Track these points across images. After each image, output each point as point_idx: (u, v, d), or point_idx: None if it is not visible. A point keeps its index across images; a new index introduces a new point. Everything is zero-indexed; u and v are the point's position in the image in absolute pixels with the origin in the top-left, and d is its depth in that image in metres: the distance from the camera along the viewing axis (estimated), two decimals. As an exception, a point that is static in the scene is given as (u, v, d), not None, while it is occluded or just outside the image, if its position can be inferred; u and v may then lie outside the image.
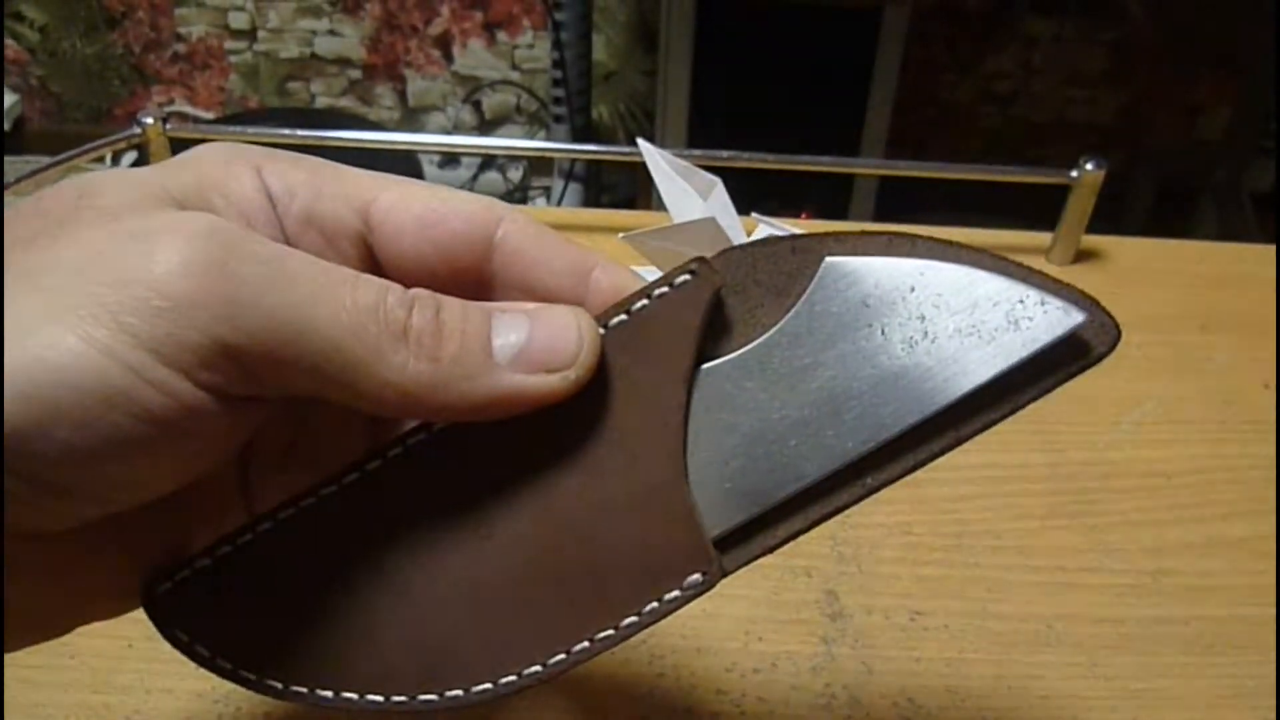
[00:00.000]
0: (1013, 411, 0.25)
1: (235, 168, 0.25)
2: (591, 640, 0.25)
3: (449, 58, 2.12)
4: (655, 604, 0.25)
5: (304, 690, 0.25)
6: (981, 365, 0.25)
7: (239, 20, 2.13)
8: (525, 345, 0.24)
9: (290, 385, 0.23)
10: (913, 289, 0.25)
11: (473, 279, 0.27)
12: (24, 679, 0.38)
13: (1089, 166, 0.58)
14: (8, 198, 0.61)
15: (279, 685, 0.25)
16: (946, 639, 0.41)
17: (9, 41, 2.20)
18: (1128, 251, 0.63)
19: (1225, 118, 1.96)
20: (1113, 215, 0.55)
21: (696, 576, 0.25)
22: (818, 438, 0.25)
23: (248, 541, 0.25)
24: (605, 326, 0.25)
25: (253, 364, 0.22)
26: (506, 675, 0.25)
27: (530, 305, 0.26)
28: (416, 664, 0.25)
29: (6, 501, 0.21)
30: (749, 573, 0.42)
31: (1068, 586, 0.43)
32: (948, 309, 0.25)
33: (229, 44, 2.16)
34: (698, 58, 1.38)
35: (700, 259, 0.26)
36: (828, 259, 0.25)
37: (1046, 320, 0.24)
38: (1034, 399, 0.25)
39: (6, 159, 2.16)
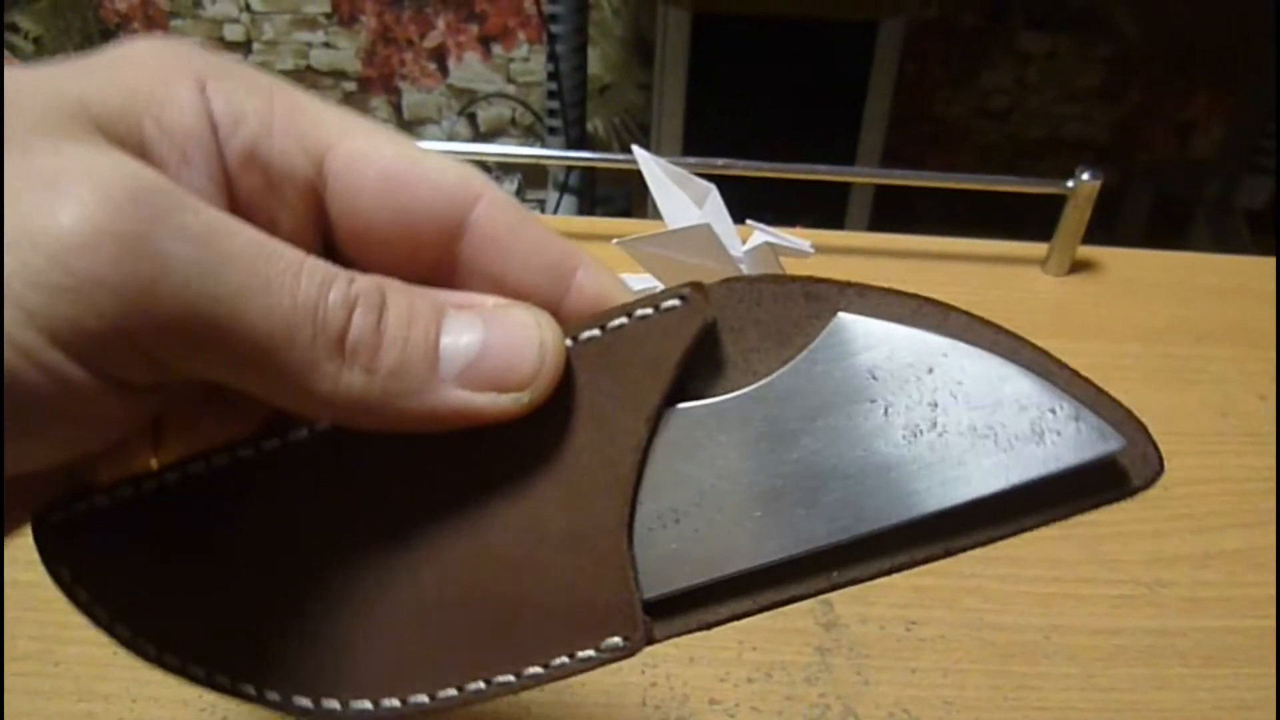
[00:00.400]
0: (1016, 533, 0.23)
1: (175, 83, 0.21)
2: (487, 682, 0.22)
3: (444, 71, 2.13)
4: (565, 659, 0.22)
5: (208, 677, 0.23)
6: (990, 475, 0.22)
7: (234, 32, 2.13)
8: (477, 356, 0.21)
9: (204, 377, 0.19)
10: (931, 370, 0.22)
11: (434, 258, 0.23)
12: (7, 686, 0.38)
13: (1085, 177, 0.58)
14: None
15: (198, 673, 0.23)
16: (942, 649, 0.40)
17: (4, 54, 2.19)
18: (1123, 262, 0.63)
19: (1219, 135, 1.96)
20: (1106, 231, 0.55)
21: (617, 640, 0.22)
22: (787, 515, 0.22)
23: (152, 490, 0.22)
24: (574, 340, 0.22)
25: (163, 357, 0.19)
26: (389, 698, 0.23)
27: (491, 301, 0.22)
28: (313, 663, 0.23)
29: None
30: (743, 582, 0.42)
31: (1064, 597, 0.43)
32: (966, 402, 0.22)
33: (224, 56, 2.16)
34: (693, 71, 1.38)
35: (696, 284, 0.23)
36: (841, 314, 0.22)
37: (1077, 439, 0.22)
38: (1043, 524, 0.23)
39: None
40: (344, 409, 0.20)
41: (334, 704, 0.23)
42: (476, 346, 0.21)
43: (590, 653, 0.22)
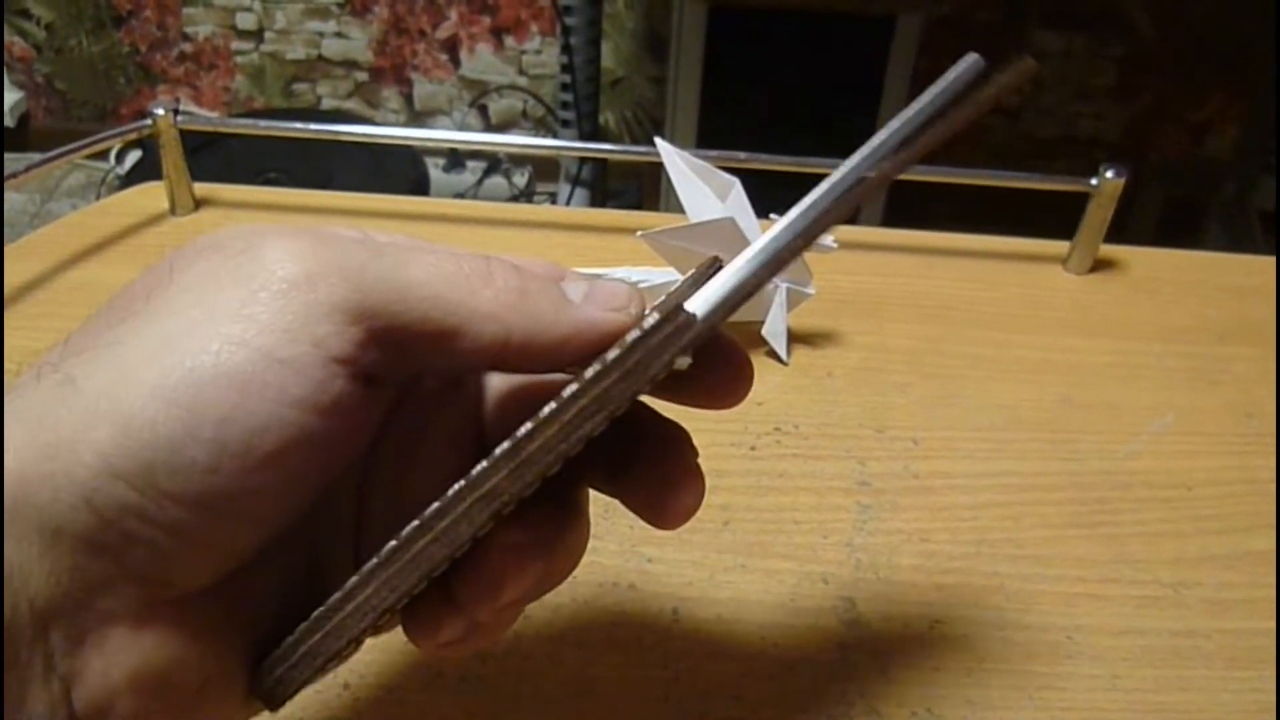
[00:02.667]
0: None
1: None
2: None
3: (456, 62, 2.12)
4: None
5: None
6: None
7: (246, 21, 2.13)
8: (590, 291, 0.26)
9: (407, 343, 0.24)
10: None
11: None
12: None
13: (1109, 174, 0.58)
14: (10, 192, 0.60)
15: None
16: (965, 648, 0.40)
17: (15, 39, 2.19)
18: (1145, 261, 0.62)
19: (1233, 135, 1.96)
20: (1118, 231, 0.55)
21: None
22: None
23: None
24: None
25: (371, 323, 0.23)
26: None
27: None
28: None
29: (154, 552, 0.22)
30: (765, 578, 0.42)
31: (1087, 597, 0.42)
32: None
33: (236, 44, 2.16)
34: (708, 64, 1.38)
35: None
36: None
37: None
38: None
39: (11, 156, 2.16)
40: (507, 324, 0.25)
41: None
42: (585, 287, 0.27)
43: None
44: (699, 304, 0.24)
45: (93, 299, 0.55)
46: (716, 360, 0.27)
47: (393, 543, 0.24)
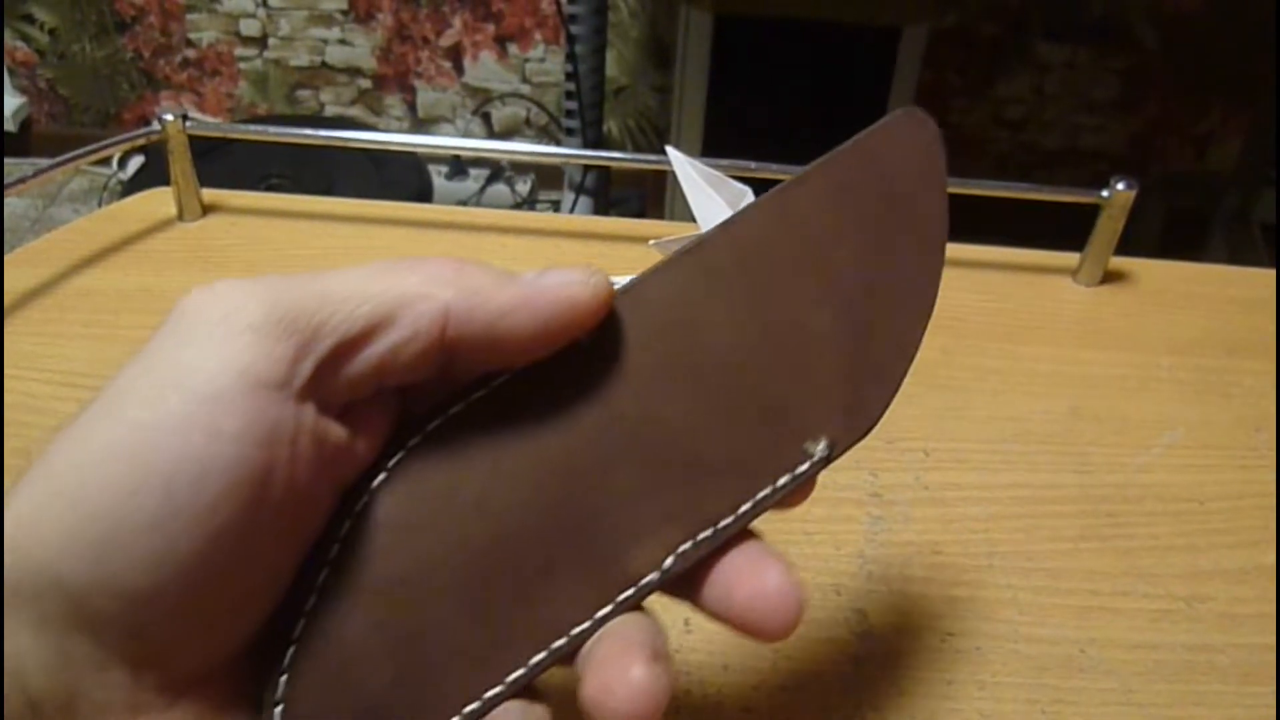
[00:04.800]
0: None
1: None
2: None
3: (459, 69, 2.13)
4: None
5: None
6: None
7: (250, 27, 2.13)
8: (543, 271, 0.25)
9: (344, 349, 0.23)
10: None
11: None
12: None
13: (1120, 186, 0.58)
14: (11, 197, 0.60)
15: None
16: (978, 661, 0.40)
17: (18, 43, 2.19)
18: (1155, 274, 0.62)
19: (1236, 148, 1.96)
20: (1121, 243, 0.55)
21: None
22: None
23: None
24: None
25: (298, 338, 0.23)
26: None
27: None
28: None
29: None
30: (776, 589, 0.41)
31: (1100, 610, 0.42)
32: None
33: (239, 51, 2.16)
34: (714, 73, 1.38)
35: None
36: None
37: None
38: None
39: (13, 161, 2.15)
40: (462, 315, 0.24)
41: None
42: (538, 272, 0.26)
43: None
44: None
45: (100, 305, 0.55)
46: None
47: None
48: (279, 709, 0.23)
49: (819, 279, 0.27)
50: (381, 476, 0.25)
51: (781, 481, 0.26)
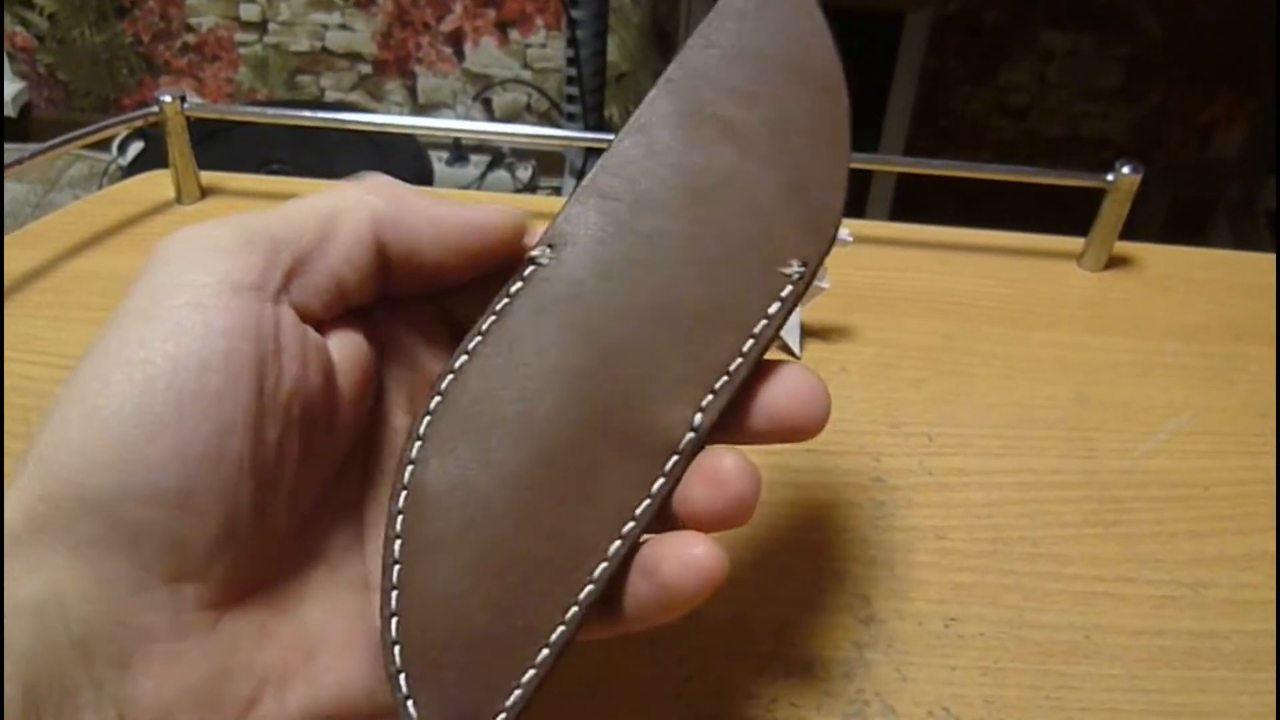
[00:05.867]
0: None
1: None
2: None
3: (460, 55, 2.12)
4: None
5: None
6: None
7: (250, 12, 2.12)
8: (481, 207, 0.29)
9: (306, 257, 0.26)
10: None
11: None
12: None
13: (1125, 170, 0.57)
14: (12, 182, 0.59)
15: None
16: (982, 647, 0.40)
17: (18, 29, 2.18)
18: (1160, 259, 0.62)
19: (1240, 136, 1.95)
20: (1125, 230, 0.55)
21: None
22: None
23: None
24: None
25: (266, 248, 0.26)
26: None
27: None
28: None
29: None
30: (778, 575, 0.41)
31: (1104, 596, 0.42)
32: None
33: (239, 36, 2.15)
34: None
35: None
36: None
37: None
38: None
39: (12, 146, 2.15)
40: (392, 217, 0.28)
41: None
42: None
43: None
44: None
45: (97, 288, 0.55)
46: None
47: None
48: (397, 649, 0.25)
49: (737, 143, 0.30)
50: (417, 445, 0.26)
51: (773, 309, 0.28)
